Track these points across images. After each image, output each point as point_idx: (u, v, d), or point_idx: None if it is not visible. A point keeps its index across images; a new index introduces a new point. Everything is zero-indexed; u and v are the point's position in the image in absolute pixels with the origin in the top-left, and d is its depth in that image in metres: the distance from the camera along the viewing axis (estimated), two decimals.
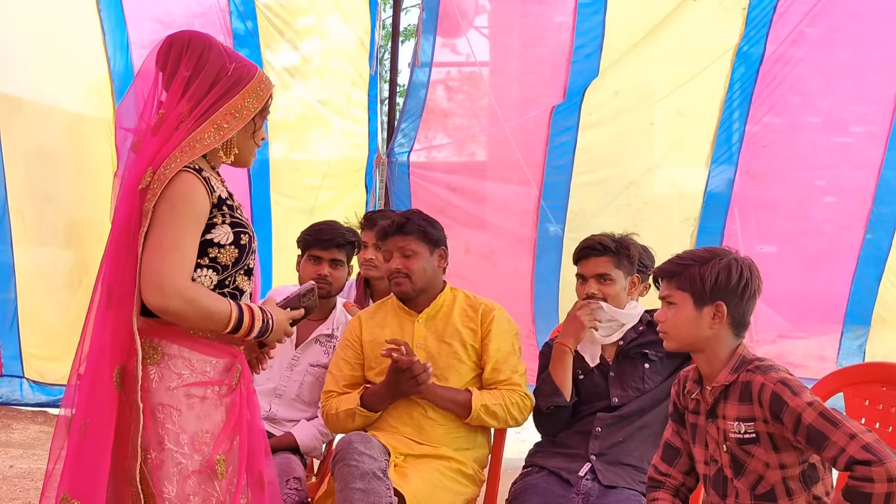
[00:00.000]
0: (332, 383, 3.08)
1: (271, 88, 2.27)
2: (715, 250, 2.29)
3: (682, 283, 2.26)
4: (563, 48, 5.34)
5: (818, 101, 5.25)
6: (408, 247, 3.00)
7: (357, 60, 5.64)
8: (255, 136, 2.28)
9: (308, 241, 3.42)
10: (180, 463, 2.08)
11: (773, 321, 5.21)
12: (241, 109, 2.18)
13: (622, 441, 2.88)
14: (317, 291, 2.42)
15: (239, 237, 2.17)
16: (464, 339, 3.00)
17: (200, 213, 2.11)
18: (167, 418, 2.09)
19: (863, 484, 1.96)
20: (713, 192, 5.29)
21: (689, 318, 2.25)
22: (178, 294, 2.04)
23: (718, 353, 2.25)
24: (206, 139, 2.14)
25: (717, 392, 2.24)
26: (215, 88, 2.14)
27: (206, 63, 2.15)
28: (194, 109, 2.14)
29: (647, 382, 2.94)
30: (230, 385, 2.20)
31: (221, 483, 2.13)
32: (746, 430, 2.18)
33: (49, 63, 5.49)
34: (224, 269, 2.16)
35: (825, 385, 2.69)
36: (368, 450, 2.67)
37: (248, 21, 5.39)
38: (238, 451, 2.19)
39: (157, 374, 2.11)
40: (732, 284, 2.21)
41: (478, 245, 5.56)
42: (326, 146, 5.86)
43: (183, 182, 2.09)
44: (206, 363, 2.15)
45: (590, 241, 3.05)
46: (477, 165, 5.93)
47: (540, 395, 2.97)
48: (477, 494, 3.00)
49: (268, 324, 2.20)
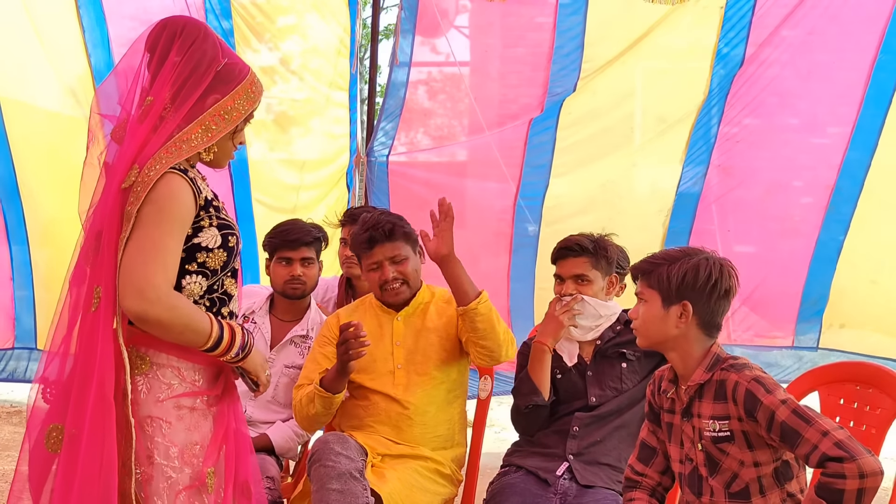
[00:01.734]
0: (306, 377, 3.01)
1: (262, 91, 2.18)
2: (688, 250, 2.29)
3: (651, 282, 2.27)
4: (544, 48, 5.34)
5: (796, 103, 5.28)
6: (399, 253, 2.97)
7: (336, 60, 5.61)
8: (234, 138, 2.17)
9: (275, 244, 3.37)
10: (171, 478, 1.99)
11: (751, 321, 5.24)
12: (231, 111, 2.08)
13: (600, 441, 2.88)
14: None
15: (227, 239, 2.08)
16: (440, 330, 2.99)
17: (186, 216, 2.01)
18: (156, 431, 1.99)
19: (835, 480, 1.97)
20: (684, 192, 5.32)
21: (657, 316, 2.25)
22: (159, 300, 1.92)
23: (691, 353, 2.26)
24: (194, 140, 2.03)
25: (692, 391, 2.25)
26: (204, 78, 2.04)
27: (198, 51, 2.05)
28: (178, 98, 2.03)
29: (624, 382, 2.94)
30: (218, 394, 2.12)
31: (210, 497, 2.05)
32: (721, 428, 2.19)
33: (26, 60, 5.44)
34: (213, 274, 2.07)
35: (800, 384, 2.71)
36: (345, 450, 2.66)
37: (224, 21, 5.35)
38: (225, 460, 2.11)
39: (146, 385, 2.00)
40: (700, 284, 2.21)
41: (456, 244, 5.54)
42: (306, 146, 5.83)
43: (169, 184, 1.98)
44: (196, 371, 2.06)
45: (567, 241, 3.04)
46: (457, 165, 5.92)
47: (518, 393, 2.97)
48: (454, 494, 3.00)
49: (247, 346, 2.09)
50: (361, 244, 2.99)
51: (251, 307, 3.35)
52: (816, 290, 5.26)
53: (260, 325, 3.33)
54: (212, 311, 2.08)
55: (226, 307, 2.12)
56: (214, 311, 2.09)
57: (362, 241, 2.99)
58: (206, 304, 2.07)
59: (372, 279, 3.00)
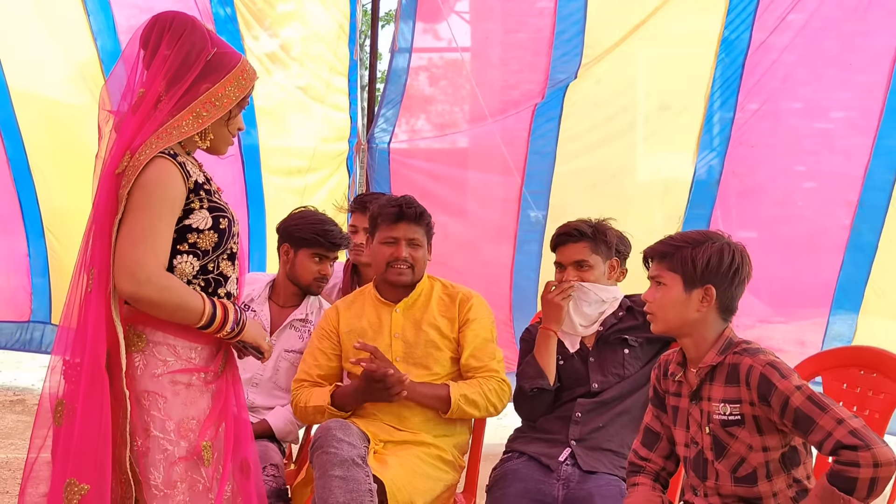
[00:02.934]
0: (305, 373, 3.04)
1: (255, 78, 2.25)
2: (708, 234, 2.28)
3: (672, 265, 2.24)
4: (545, 33, 5.32)
5: (799, 88, 5.26)
6: (417, 237, 2.99)
7: (337, 46, 5.61)
8: (229, 125, 2.25)
9: (316, 241, 3.28)
10: (166, 450, 2.09)
11: (754, 306, 5.23)
12: (222, 98, 2.16)
13: (602, 426, 2.87)
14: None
15: (218, 221, 2.17)
16: (441, 328, 2.98)
17: (175, 198, 2.09)
18: (152, 405, 2.09)
19: (848, 468, 1.96)
20: (700, 181, 5.29)
21: (678, 300, 2.23)
22: (150, 281, 2.03)
23: (705, 336, 2.25)
24: (185, 126, 2.12)
25: (703, 373, 2.24)
26: (193, 68, 2.12)
27: (187, 43, 2.13)
28: (171, 88, 2.12)
29: (627, 368, 2.93)
30: (216, 371, 2.20)
31: (208, 469, 2.13)
32: (732, 411, 2.18)
33: (33, 50, 5.45)
34: (205, 255, 2.16)
35: (804, 368, 2.70)
36: (347, 437, 2.66)
37: (227, 7, 5.35)
38: (224, 438, 2.19)
39: (142, 362, 2.10)
40: (724, 268, 2.20)
41: (458, 232, 5.55)
42: (307, 132, 5.83)
43: (157, 168, 2.07)
44: (191, 349, 2.15)
45: (566, 227, 3.03)
46: (459, 152, 5.91)
47: (524, 377, 2.96)
48: (457, 480, 3.00)
49: (241, 321, 2.19)
50: (387, 216, 2.99)
51: (250, 294, 3.34)
52: (849, 288, 5.19)
53: (259, 312, 3.32)
54: (207, 292, 2.17)
55: (222, 288, 2.21)
56: (210, 292, 2.18)
57: (389, 214, 2.99)
58: (201, 283, 2.17)
59: (382, 253, 2.99)
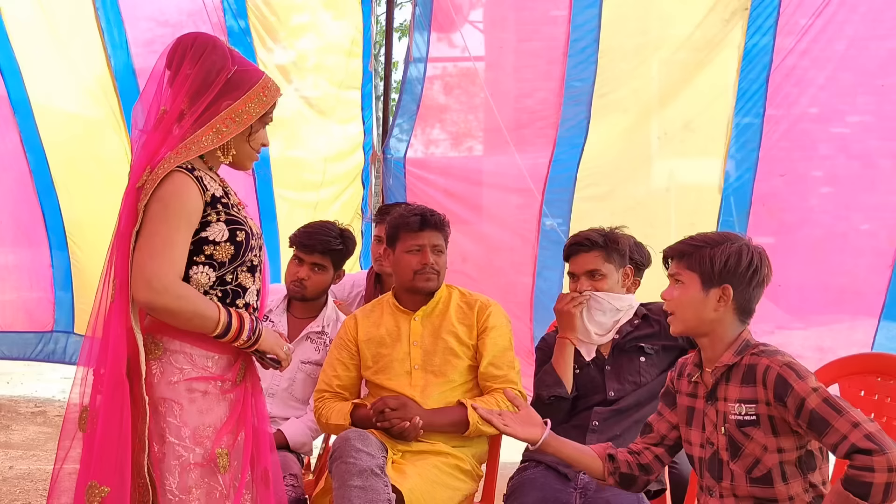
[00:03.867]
0: (325, 384, 3.08)
1: (277, 95, 2.30)
2: (728, 235, 2.29)
3: (691, 264, 2.26)
4: (559, 42, 5.33)
5: (816, 92, 5.24)
6: (440, 244, 3.03)
7: (350, 58, 5.63)
8: (250, 140, 2.30)
9: (293, 241, 3.40)
10: (181, 456, 2.13)
11: (772, 312, 5.21)
12: (242, 114, 2.21)
13: (619, 435, 2.87)
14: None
15: (235, 234, 2.20)
16: (459, 336, 2.99)
17: (192, 211, 2.14)
18: (168, 412, 2.14)
19: (863, 473, 1.96)
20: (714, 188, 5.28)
21: (696, 298, 2.24)
22: (166, 291, 2.08)
23: (722, 337, 2.25)
24: (205, 142, 2.18)
25: (719, 373, 2.24)
26: (214, 85, 2.18)
27: (208, 61, 2.19)
28: (192, 105, 2.18)
29: (643, 376, 2.93)
30: (234, 380, 2.24)
31: (225, 477, 2.16)
32: (747, 412, 2.18)
33: (49, 65, 5.51)
34: (221, 266, 2.20)
35: (821, 375, 2.68)
36: (366, 447, 2.67)
37: (241, 19, 5.39)
38: (243, 446, 2.23)
39: (160, 369, 2.16)
40: (742, 269, 2.21)
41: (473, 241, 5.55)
42: (322, 144, 5.86)
43: (174, 181, 2.13)
44: (208, 358, 2.20)
45: (577, 237, 3.03)
46: (474, 161, 5.92)
47: (542, 385, 2.96)
48: (475, 490, 3.00)
49: (257, 331, 2.22)
50: (410, 224, 3.01)
51: (268, 305, 3.37)
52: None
53: (277, 323, 3.35)
54: (224, 302, 2.21)
55: (240, 299, 2.25)
56: (228, 302, 2.22)
57: (412, 222, 3.01)
58: (219, 294, 2.21)
59: (408, 261, 3.00)
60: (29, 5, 5.44)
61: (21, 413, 6.12)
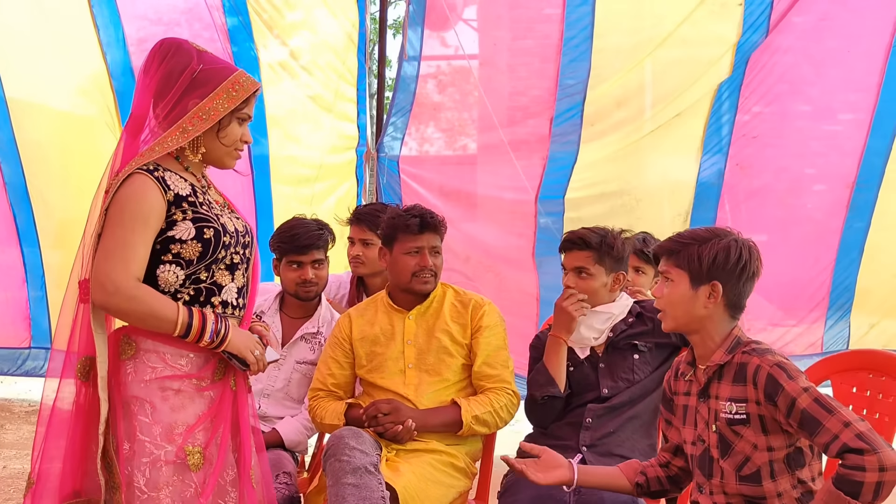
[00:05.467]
0: (320, 382, 3.09)
1: (250, 90, 2.27)
2: (716, 231, 2.29)
3: (679, 261, 2.26)
4: (553, 39, 5.33)
5: (807, 90, 5.26)
6: (438, 246, 3.04)
7: (345, 55, 5.62)
8: (220, 137, 2.26)
9: (284, 249, 3.34)
10: (152, 453, 2.14)
11: (764, 309, 5.23)
12: (210, 111, 2.21)
13: (613, 432, 2.88)
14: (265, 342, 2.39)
15: (202, 231, 2.20)
16: (453, 335, 2.99)
17: (150, 212, 2.15)
18: (140, 410, 2.15)
19: (854, 472, 1.96)
20: (704, 183, 5.30)
21: (685, 296, 2.25)
22: (118, 292, 2.10)
23: (713, 334, 2.26)
24: (170, 141, 2.19)
25: (711, 372, 2.25)
26: (178, 85, 2.19)
27: (170, 63, 2.21)
28: (157, 107, 2.21)
29: (636, 373, 2.94)
30: (211, 377, 2.24)
31: (198, 475, 2.16)
32: (738, 410, 2.19)
33: (40, 61, 5.48)
34: (189, 264, 2.20)
35: (813, 373, 2.70)
36: (360, 444, 2.68)
37: (240, 16, 5.38)
38: (220, 444, 2.22)
39: (133, 368, 2.18)
40: (730, 265, 2.21)
41: (467, 238, 5.56)
42: (316, 141, 5.85)
43: (133, 183, 2.15)
44: (181, 356, 2.21)
45: (574, 234, 3.04)
46: (468, 159, 5.92)
47: (534, 384, 2.97)
48: (469, 487, 3.01)
49: (222, 331, 2.20)
50: (410, 227, 2.99)
51: (260, 306, 3.36)
52: (841, 288, 5.23)
53: (270, 324, 3.33)
54: (198, 300, 2.22)
55: (216, 297, 2.25)
56: (202, 300, 2.22)
57: (411, 224, 2.99)
58: (191, 292, 2.21)
59: (406, 263, 2.99)
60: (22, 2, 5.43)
61: (15, 413, 6.12)
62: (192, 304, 2.21)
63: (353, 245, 3.68)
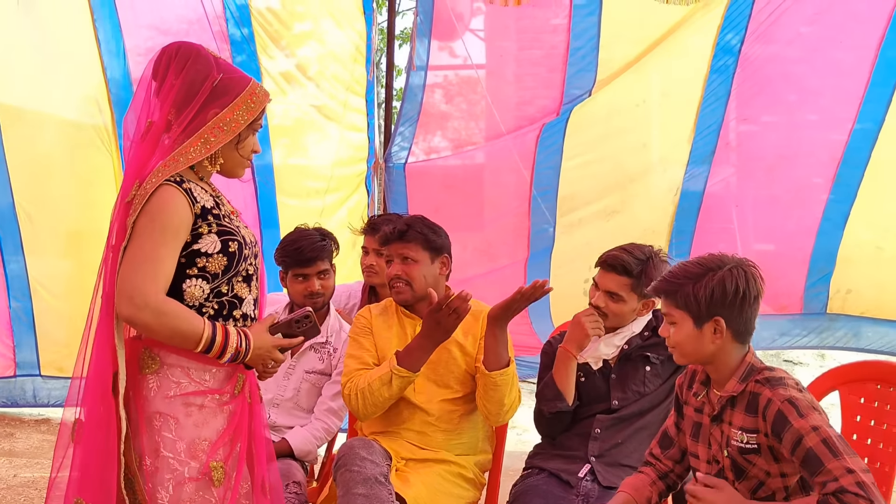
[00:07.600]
0: (354, 365, 2.96)
1: (266, 101, 2.27)
2: (708, 263, 2.23)
3: (678, 302, 2.23)
4: (560, 49, 5.36)
5: (816, 100, 5.28)
6: (408, 254, 2.94)
7: (353, 65, 5.64)
8: (239, 149, 2.26)
9: (289, 262, 3.34)
10: (176, 469, 2.12)
11: (774, 322, 5.23)
12: (230, 122, 2.18)
13: (621, 443, 2.88)
14: (314, 318, 2.34)
15: (227, 245, 2.18)
16: (464, 347, 2.98)
17: (179, 225, 2.13)
18: (164, 426, 2.13)
19: None
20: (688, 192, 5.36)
21: (691, 335, 2.22)
22: (147, 306, 2.06)
23: (727, 363, 2.24)
24: (192, 152, 2.16)
25: (725, 401, 2.25)
26: (200, 94, 2.16)
27: (192, 70, 2.17)
28: (179, 116, 2.16)
29: (647, 385, 2.93)
30: (231, 392, 2.22)
31: (219, 490, 2.15)
32: (748, 440, 2.17)
33: (44, 71, 5.49)
34: (215, 278, 2.18)
35: (821, 384, 2.71)
36: (370, 455, 2.69)
37: (244, 28, 5.40)
38: (239, 457, 2.22)
39: (156, 383, 2.15)
40: (729, 298, 2.17)
41: (475, 246, 5.58)
42: (324, 151, 5.86)
43: (162, 195, 2.11)
44: (205, 372, 2.18)
45: (616, 258, 2.91)
46: (475, 168, 5.94)
47: (542, 398, 2.96)
48: (478, 498, 3.01)
49: (243, 349, 2.18)
50: (381, 237, 3.07)
51: None
52: (823, 257, 5.29)
53: None
54: (221, 314, 2.19)
55: (237, 310, 2.23)
56: (224, 314, 2.20)
57: (382, 235, 3.06)
58: (215, 306, 2.19)
59: (388, 275, 3.03)
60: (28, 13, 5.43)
61: (25, 421, 6.12)
62: (216, 319, 2.18)
63: (367, 255, 3.69)
